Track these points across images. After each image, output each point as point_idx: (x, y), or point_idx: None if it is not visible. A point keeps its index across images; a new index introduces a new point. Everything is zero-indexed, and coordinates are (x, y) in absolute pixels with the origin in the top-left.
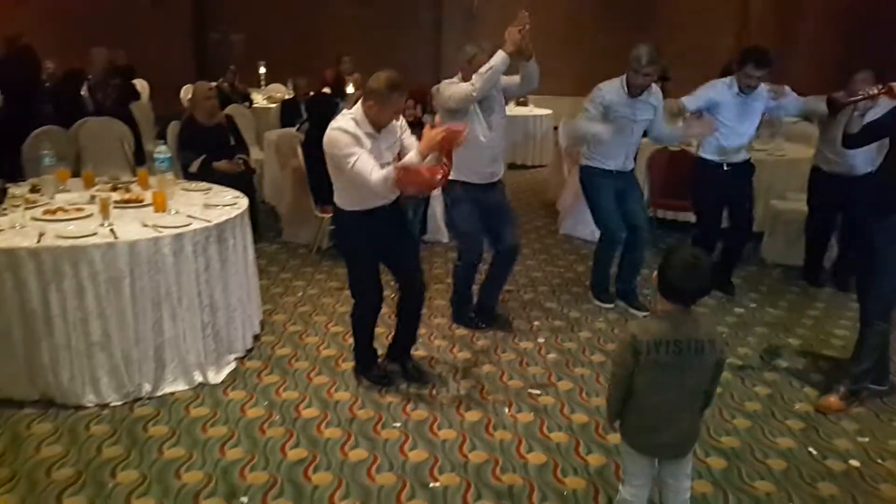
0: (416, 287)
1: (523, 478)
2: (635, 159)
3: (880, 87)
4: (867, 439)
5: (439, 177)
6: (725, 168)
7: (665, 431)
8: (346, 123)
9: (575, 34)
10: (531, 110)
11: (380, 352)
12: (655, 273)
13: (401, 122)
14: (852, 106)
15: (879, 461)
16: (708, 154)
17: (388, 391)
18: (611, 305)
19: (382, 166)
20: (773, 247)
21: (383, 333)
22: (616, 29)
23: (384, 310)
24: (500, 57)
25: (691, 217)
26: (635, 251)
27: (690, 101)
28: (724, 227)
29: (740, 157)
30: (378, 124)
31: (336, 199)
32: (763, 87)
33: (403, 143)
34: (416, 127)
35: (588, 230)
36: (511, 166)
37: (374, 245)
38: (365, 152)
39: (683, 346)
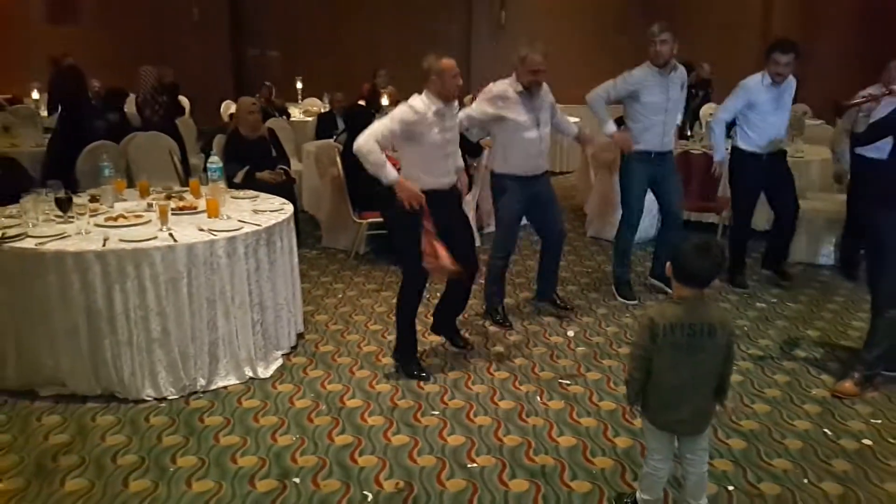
0: (469, 269)
1: (555, 458)
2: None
3: (883, 89)
4: (880, 421)
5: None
6: (765, 159)
7: (682, 408)
8: (414, 101)
9: (598, 42)
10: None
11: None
12: (669, 263)
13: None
14: (857, 107)
15: (891, 440)
16: (747, 146)
17: (427, 383)
18: (634, 301)
19: (446, 142)
20: (795, 244)
21: (420, 331)
22: (639, 35)
23: (420, 309)
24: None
25: (706, 217)
26: (669, 234)
27: (726, 114)
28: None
29: (779, 147)
30: (445, 95)
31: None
32: (792, 78)
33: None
34: None
35: (615, 232)
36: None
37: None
38: (391, 127)
39: (697, 328)
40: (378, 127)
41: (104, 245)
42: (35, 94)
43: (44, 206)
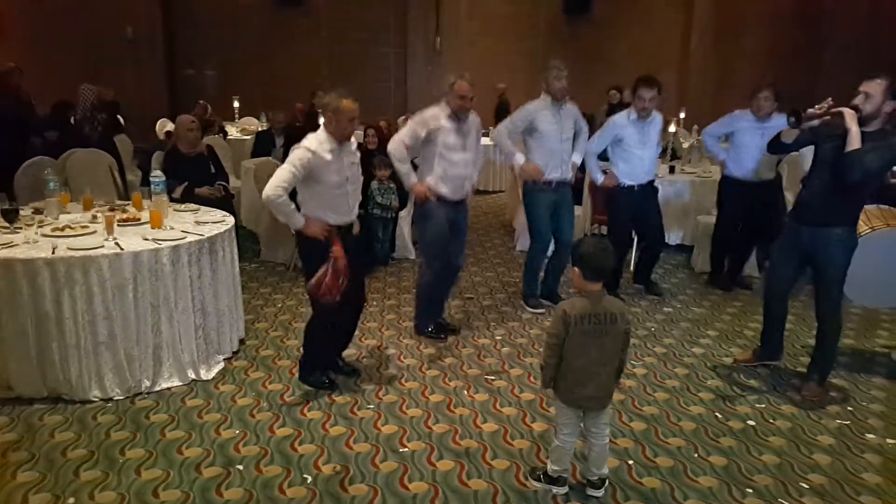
0: (357, 301)
1: (478, 442)
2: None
3: (835, 107)
4: (763, 405)
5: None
6: (636, 189)
7: (589, 385)
8: (310, 142)
9: (530, 65)
10: (490, 140)
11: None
12: (575, 268)
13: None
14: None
15: (771, 420)
16: (622, 180)
17: (361, 380)
18: (542, 311)
19: (348, 178)
20: (701, 257)
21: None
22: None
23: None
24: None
25: None
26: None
27: (594, 146)
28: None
29: (648, 178)
30: (339, 136)
31: (301, 208)
32: (657, 114)
33: None
34: (374, 155)
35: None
36: (477, 192)
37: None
38: (295, 172)
39: (601, 317)
40: (281, 174)
41: (53, 253)
42: None
43: None
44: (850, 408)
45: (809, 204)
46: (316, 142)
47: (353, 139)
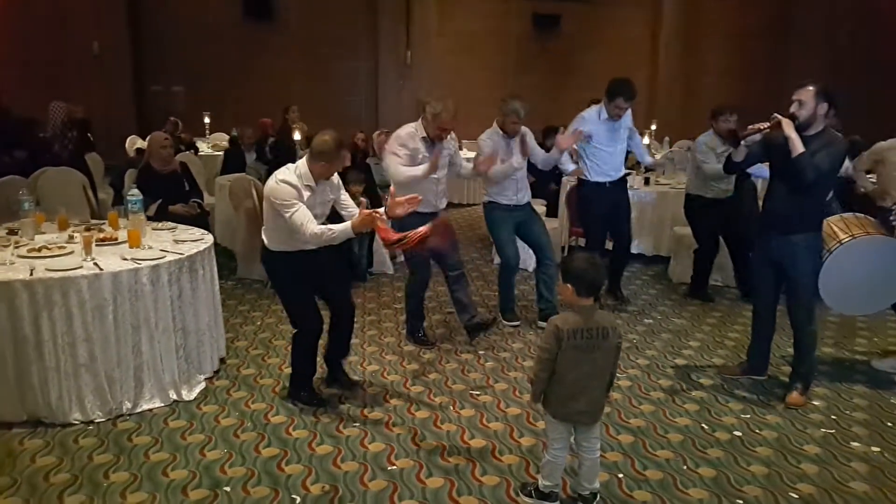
0: (348, 313)
1: (467, 458)
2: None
3: (772, 121)
4: (749, 416)
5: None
6: (608, 185)
7: (581, 400)
8: (290, 177)
9: (500, 81)
10: (465, 153)
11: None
12: (561, 282)
13: (338, 182)
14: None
15: (757, 431)
16: (594, 177)
17: (347, 399)
18: (517, 323)
19: (317, 216)
20: (678, 268)
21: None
22: (537, 74)
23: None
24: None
25: None
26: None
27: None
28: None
29: (618, 174)
30: (323, 178)
31: (265, 238)
32: (628, 115)
33: (339, 201)
34: (348, 170)
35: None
36: (450, 205)
37: (305, 279)
38: (303, 205)
39: (593, 332)
40: (300, 216)
41: (31, 274)
42: None
43: None
44: (833, 416)
45: (773, 213)
46: (295, 177)
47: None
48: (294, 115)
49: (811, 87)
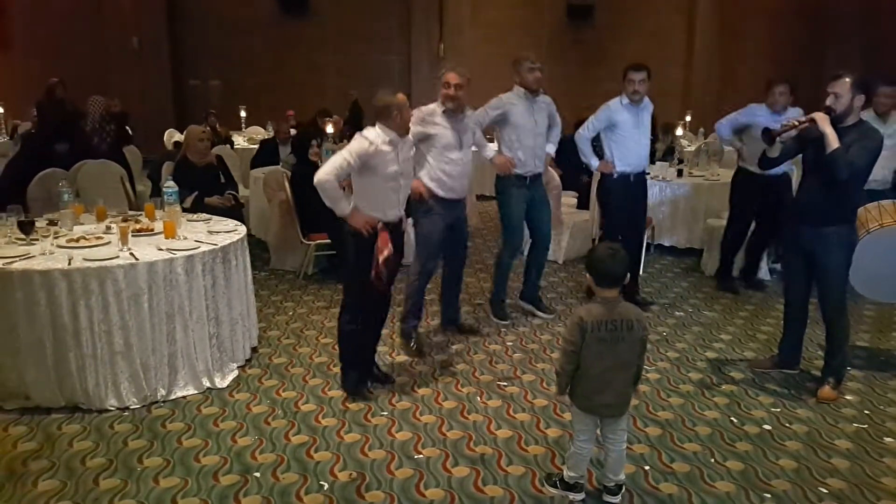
0: (389, 297)
1: (493, 448)
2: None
3: (807, 117)
4: (779, 409)
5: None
6: (632, 179)
7: (607, 393)
8: (368, 132)
9: None
10: (495, 146)
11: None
12: (588, 275)
13: (412, 143)
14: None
15: (787, 425)
16: (618, 168)
17: (375, 387)
18: (507, 322)
19: (398, 174)
20: (710, 261)
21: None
22: (570, 64)
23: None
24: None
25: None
26: (538, 255)
27: (587, 132)
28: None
29: (643, 165)
30: (402, 128)
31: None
32: (648, 101)
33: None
34: None
35: (549, 251)
36: (478, 197)
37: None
38: (347, 160)
39: (618, 324)
40: (337, 160)
41: (69, 264)
42: None
43: (5, 230)
44: (867, 411)
45: (805, 205)
46: (374, 133)
47: (409, 135)
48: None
49: (847, 79)
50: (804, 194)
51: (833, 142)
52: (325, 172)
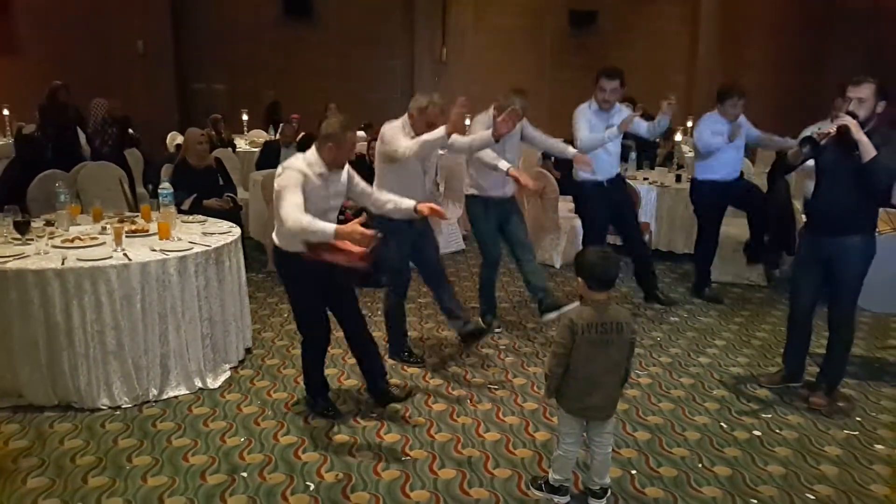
0: (358, 325)
1: (480, 451)
2: None
3: (838, 123)
4: (769, 415)
5: (361, 261)
6: (606, 185)
7: (595, 395)
8: (297, 163)
9: (536, 76)
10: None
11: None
12: (579, 279)
13: (350, 172)
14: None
15: (777, 431)
16: (588, 175)
17: (364, 390)
18: (499, 330)
19: (327, 211)
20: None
21: (335, 375)
22: (573, 70)
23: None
24: (439, 133)
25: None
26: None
27: (588, 141)
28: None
29: (614, 172)
30: (335, 164)
31: (276, 239)
32: (620, 106)
33: (357, 191)
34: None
35: (547, 255)
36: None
37: (318, 285)
38: (299, 193)
39: (608, 326)
40: (291, 199)
41: (63, 263)
42: None
43: (2, 230)
44: (858, 418)
45: (826, 215)
46: (305, 164)
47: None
48: (332, 113)
49: (871, 84)
50: (823, 204)
51: (870, 149)
52: (293, 219)
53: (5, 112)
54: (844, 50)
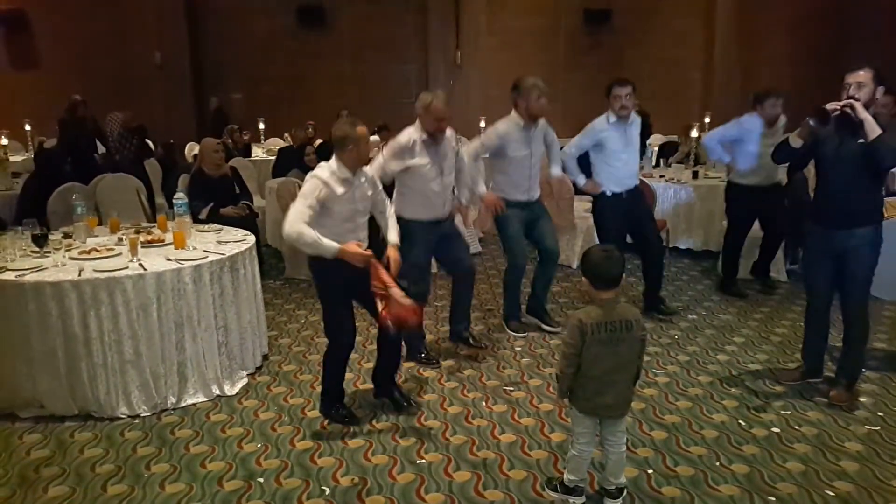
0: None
1: (496, 453)
2: None
3: (843, 102)
4: (788, 412)
5: (416, 318)
6: (625, 196)
7: (607, 394)
8: (321, 171)
9: (549, 78)
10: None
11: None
12: (584, 279)
13: (374, 179)
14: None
15: (796, 427)
16: (609, 187)
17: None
18: (524, 334)
19: (356, 213)
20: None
21: (351, 379)
22: (587, 70)
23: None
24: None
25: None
26: (546, 269)
27: (573, 150)
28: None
29: (632, 184)
30: (359, 164)
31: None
32: (635, 116)
33: (376, 200)
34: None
35: (564, 256)
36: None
37: (348, 286)
38: (311, 203)
39: (617, 325)
40: (299, 208)
41: (79, 275)
42: (3, 141)
43: (21, 243)
44: (880, 413)
45: (832, 209)
46: (328, 172)
47: (367, 167)
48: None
49: (869, 70)
50: (826, 198)
51: (875, 127)
52: (290, 224)
53: (27, 127)
54: (862, 48)
